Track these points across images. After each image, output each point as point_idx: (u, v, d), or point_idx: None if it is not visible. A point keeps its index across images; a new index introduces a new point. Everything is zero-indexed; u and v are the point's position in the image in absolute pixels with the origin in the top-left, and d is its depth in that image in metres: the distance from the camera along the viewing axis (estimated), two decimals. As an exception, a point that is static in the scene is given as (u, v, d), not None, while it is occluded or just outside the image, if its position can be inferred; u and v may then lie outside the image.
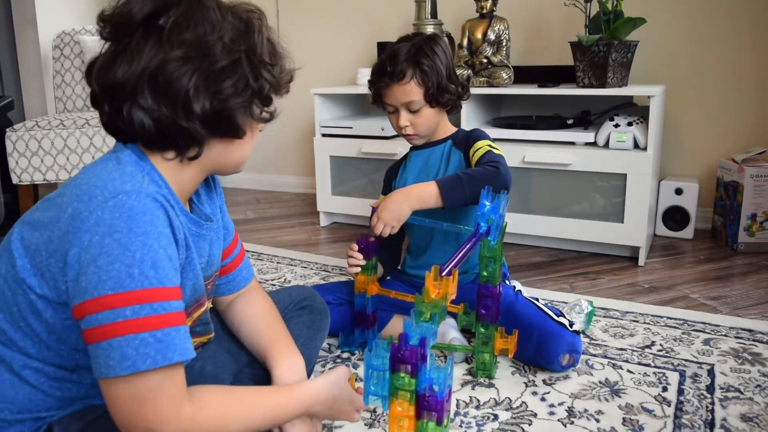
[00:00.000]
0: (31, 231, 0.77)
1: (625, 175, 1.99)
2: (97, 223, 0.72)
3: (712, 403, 1.21)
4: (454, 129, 1.53)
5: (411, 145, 1.55)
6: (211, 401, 0.79)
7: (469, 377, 1.34)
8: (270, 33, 0.86)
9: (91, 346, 0.72)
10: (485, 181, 1.27)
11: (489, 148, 1.39)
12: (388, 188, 1.60)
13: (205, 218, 0.93)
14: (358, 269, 1.41)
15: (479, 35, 2.32)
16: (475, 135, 1.47)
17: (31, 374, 0.80)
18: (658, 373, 1.34)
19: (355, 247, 1.42)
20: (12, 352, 0.79)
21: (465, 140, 1.47)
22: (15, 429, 0.80)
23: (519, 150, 2.10)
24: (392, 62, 1.40)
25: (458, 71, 2.25)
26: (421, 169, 1.52)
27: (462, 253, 1.13)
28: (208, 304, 0.99)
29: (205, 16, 0.78)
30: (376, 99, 1.48)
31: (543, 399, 1.25)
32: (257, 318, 1.07)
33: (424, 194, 1.30)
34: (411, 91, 1.40)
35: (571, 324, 1.32)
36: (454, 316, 1.43)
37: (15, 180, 2.56)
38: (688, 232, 2.30)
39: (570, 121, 2.21)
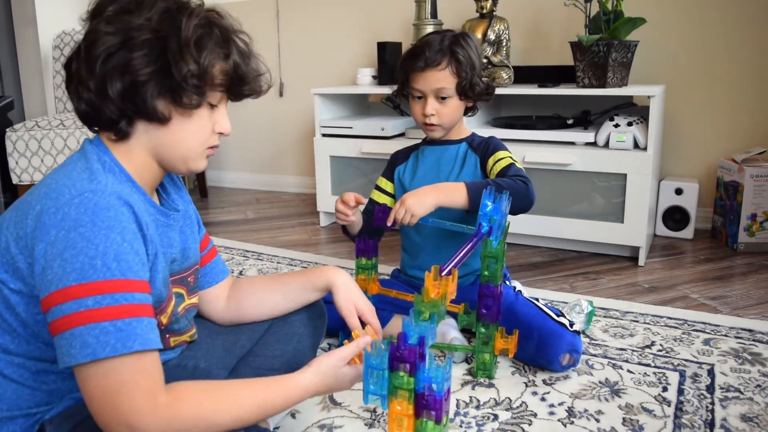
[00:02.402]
0: (3, 230, 0.80)
1: (625, 175, 1.99)
2: (63, 219, 0.75)
3: (712, 403, 1.21)
4: (469, 132, 1.54)
5: (425, 138, 1.56)
6: (188, 391, 0.79)
7: (469, 377, 1.34)
8: (230, 26, 0.87)
9: (56, 337, 0.73)
10: (515, 194, 1.28)
11: (512, 161, 1.42)
12: (390, 172, 1.59)
13: (173, 209, 0.95)
14: (347, 220, 1.41)
15: (479, 35, 2.31)
16: (495, 143, 1.48)
17: (14, 371, 0.81)
18: (658, 373, 1.34)
19: (347, 197, 1.40)
20: None
21: (484, 146, 1.48)
22: (8, 427, 0.81)
23: (519, 150, 2.10)
24: (429, 48, 1.41)
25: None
26: (433, 165, 1.52)
27: (462, 253, 1.13)
28: (190, 300, 1.00)
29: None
30: (403, 83, 1.48)
31: (543, 399, 1.25)
32: (254, 283, 1.13)
33: (453, 193, 1.31)
34: (445, 78, 1.41)
35: (572, 324, 1.32)
36: (454, 315, 1.43)
37: (15, 180, 2.56)
38: (688, 232, 2.30)
39: (570, 121, 2.21)
